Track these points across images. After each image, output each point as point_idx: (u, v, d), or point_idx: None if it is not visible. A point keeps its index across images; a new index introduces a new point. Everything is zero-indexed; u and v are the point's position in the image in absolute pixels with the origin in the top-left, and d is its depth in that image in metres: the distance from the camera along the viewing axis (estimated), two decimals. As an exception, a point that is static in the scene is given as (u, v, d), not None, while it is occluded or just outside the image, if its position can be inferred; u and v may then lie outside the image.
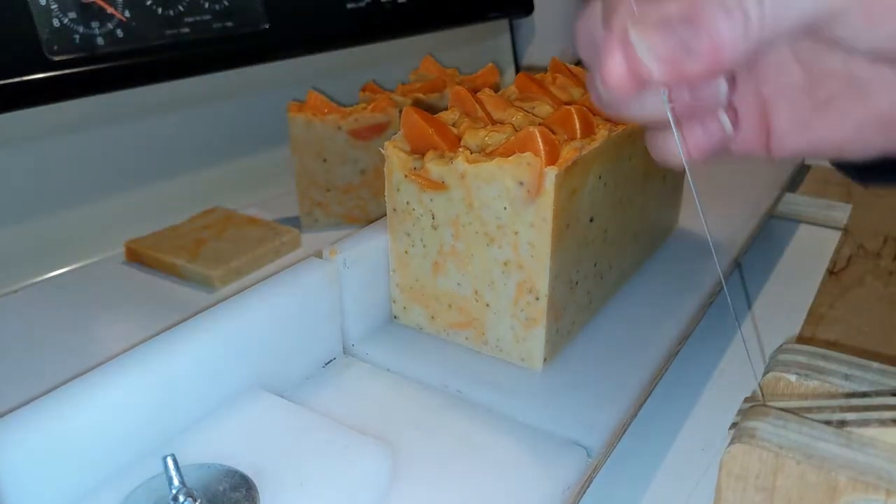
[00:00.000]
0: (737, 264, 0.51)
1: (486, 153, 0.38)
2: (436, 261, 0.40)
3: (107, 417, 0.30)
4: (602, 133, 0.39)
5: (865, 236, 0.62)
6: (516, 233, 0.36)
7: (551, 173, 0.34)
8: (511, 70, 0.99)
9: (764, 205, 0.61)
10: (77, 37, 0.53)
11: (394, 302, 0.43)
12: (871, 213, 0.67)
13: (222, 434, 0.32)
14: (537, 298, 0.37)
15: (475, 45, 0.92)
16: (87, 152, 0.57)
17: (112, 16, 0.54)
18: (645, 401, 0.41)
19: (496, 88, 0.52)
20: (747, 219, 0.58)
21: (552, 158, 0.35)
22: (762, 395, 0.29)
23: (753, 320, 0.50)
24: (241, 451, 0.31)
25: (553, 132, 0.38)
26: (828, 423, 0.26)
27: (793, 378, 0.28)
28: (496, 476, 0.32)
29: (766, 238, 0.64)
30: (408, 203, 0.40)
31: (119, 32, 0.55)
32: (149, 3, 0.56)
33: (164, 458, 0.28)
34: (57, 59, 0.51)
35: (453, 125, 0.41)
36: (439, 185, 0.38)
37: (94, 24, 0.53)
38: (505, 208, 0.36)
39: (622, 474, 0.38)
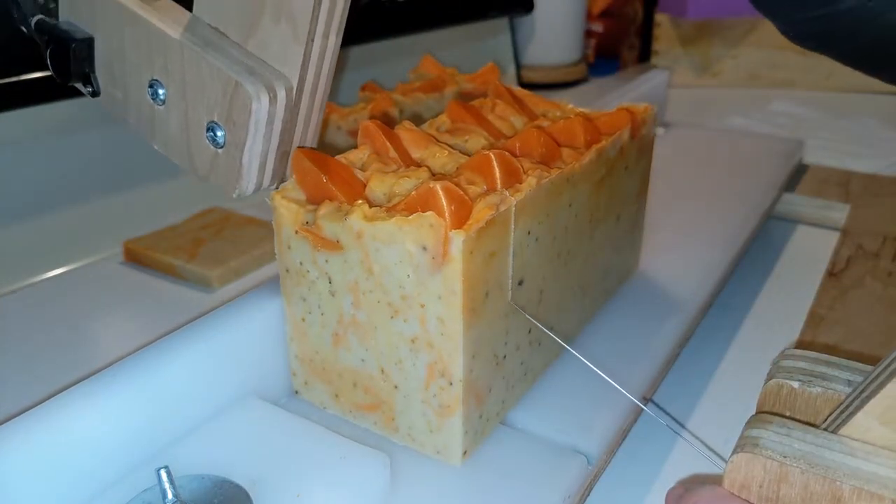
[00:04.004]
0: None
1: (389, 207, 0.31)
2: (336, 332, 0.34)
3: (99, 429, 0.29)
4: (530, 181, 0.33)
5: (864, 236, 0.62)
6: (423, 305, 0.31)
7: (458, 238, 0.29)
8: (511, 69, 0.99)
9: (763, 205, 0.61)
10: (75, 36, 0.52)
11: (294, 375, 0.37)
12: (869, 213, 0.67)
13: (217, 444, 0.32)
14: (451, 383, 0.32)
15: (475, 44, 0.92)
16: (85, 152, 0.56)
17: (110, 14, 0.54)
18: (645, 405, 0.41)
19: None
20: (746, 219, 0.58)
21: (460, 219, 0.29)
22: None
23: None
24: (236, 462, 0.31)
25: (470, 182, 0.32)
26: (826, 429, 0.26)
27: (796, 385, 0.28)
28: (495, 486, 0.32)
29: (765, 238, 0.64)
30: (301, 264, 0.34)
31: (117, 31, 0.54)
32: (147, 1, 0.56)
33: (158, 471, 0.27)
34: (55, 58, 0.51)
35: (362, 167, 0.35)
36: (334, 245, 0.32)
37: (93, 23, 0.53)
38: (408, 276, 0.30)
39: (622, 481, 0.38)
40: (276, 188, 0.35)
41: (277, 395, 0.37)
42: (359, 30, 0.71)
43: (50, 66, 0.38)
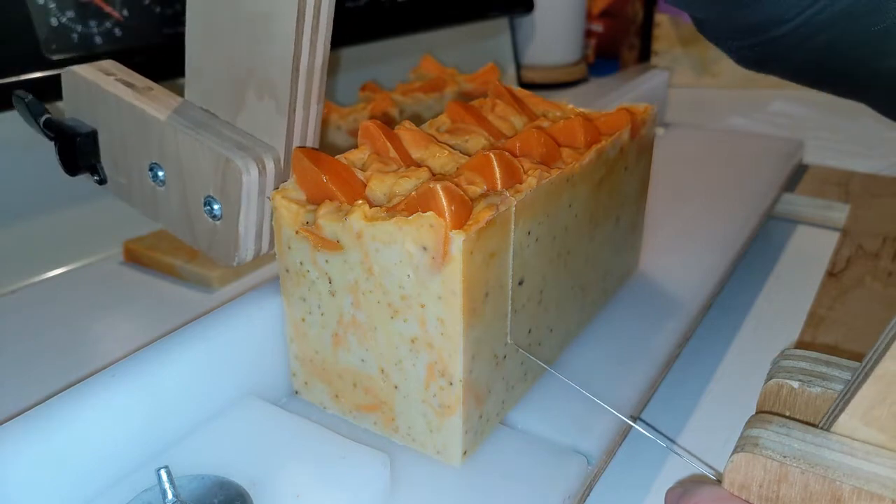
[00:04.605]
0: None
1: (390, 207, 0.31)
2: (335, 332, 0.34)
3: (98, 429, 0.29)
4: (530, 181, 0.33)
5: (864, 236, 0.62)
6: (422, 306, 0.31)
7: (458, 238, 0.29)
8: (511, 69, 0.99)
9: (763, 205, 0.61)
10: (75, 36, 0.52)
11: (294, 375, 0.38)
12: (869, 213, 0.67)
13: (216, 444, 0.32)
14: (451, 383, 0.32)
15: (475, 44, 0.92)
16: (85, 152, 0.56)
17: (110, 15, 0.54)
18: (644, 406, 0.41)
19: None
20: (746, 219, 0.58)
21: (460, 219, 0.29)
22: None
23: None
24: (235, 462, 0.31)
25: (470, 182, 0.32)
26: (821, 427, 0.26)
27: (795, 385, 0.28)
28: (495, 486, 0.32)
29: (765, 238, 0.64)
30: (301, 264, 0.34)
31: (117, 31, 0.54)
32: (146, 2, 0.56)
33: (158, 471, 0.27)
34: (55, 57, 0.51)
35: (362, 167, 0.35)
36: (334, 245, 0.32)
37: (92, 23, 0.53)
38: (408, 276, 0.30)
39: (622, 482, 0.38)
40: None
41: (277, 395, 0.37)
42: (359, 30, 0.71)
43: (59, 160, 0.40)
